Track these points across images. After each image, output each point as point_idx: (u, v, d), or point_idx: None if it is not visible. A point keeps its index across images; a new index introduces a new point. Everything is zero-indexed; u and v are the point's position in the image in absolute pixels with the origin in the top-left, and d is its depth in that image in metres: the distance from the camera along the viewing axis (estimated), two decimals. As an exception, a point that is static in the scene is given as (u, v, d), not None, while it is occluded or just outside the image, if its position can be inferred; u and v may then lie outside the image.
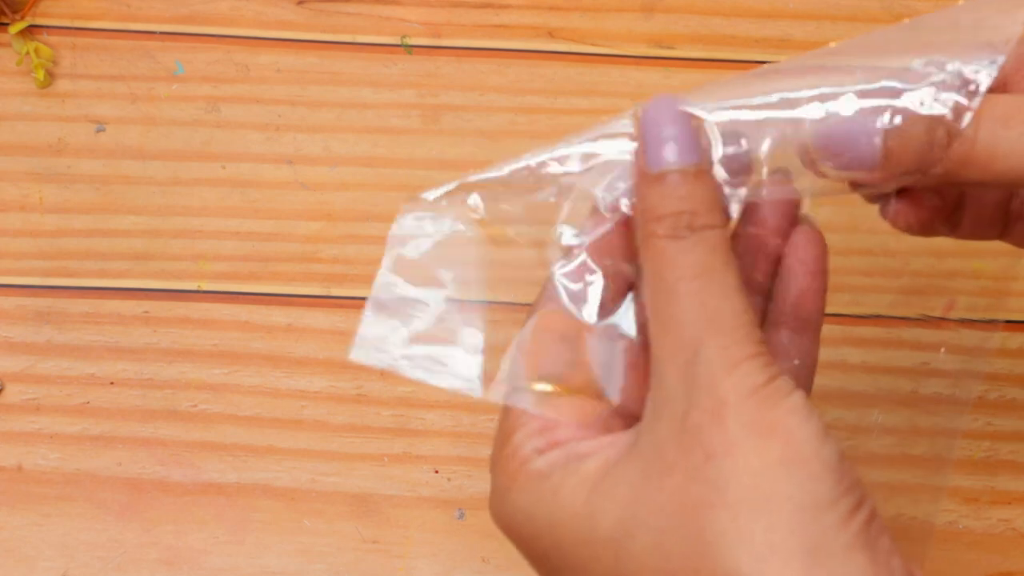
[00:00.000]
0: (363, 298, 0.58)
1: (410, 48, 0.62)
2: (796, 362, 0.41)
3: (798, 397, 0.35)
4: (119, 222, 0.59)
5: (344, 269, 0.59)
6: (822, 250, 0.41)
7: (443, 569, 0.55)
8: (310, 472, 0.56)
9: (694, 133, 0.36)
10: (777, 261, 0.41)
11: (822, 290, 0.41)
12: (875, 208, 0.41)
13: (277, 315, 0.58)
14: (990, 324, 0.59)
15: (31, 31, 0.61)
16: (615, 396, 0.38)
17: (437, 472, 0.56)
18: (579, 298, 0.39)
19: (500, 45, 0.62)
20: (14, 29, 0.60)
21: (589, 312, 0.39)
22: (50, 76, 0.61)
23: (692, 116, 0.37)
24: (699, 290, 0.35)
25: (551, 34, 0.62)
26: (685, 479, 0.34)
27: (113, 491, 0.56)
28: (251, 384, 0.57)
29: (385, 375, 0.57)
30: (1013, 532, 0.56)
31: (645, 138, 0.36)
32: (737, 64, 0.62)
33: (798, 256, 0.40)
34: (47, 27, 0.61)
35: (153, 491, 0.56)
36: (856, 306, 0.59)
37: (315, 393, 0.57)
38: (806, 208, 0.41)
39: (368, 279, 0.59)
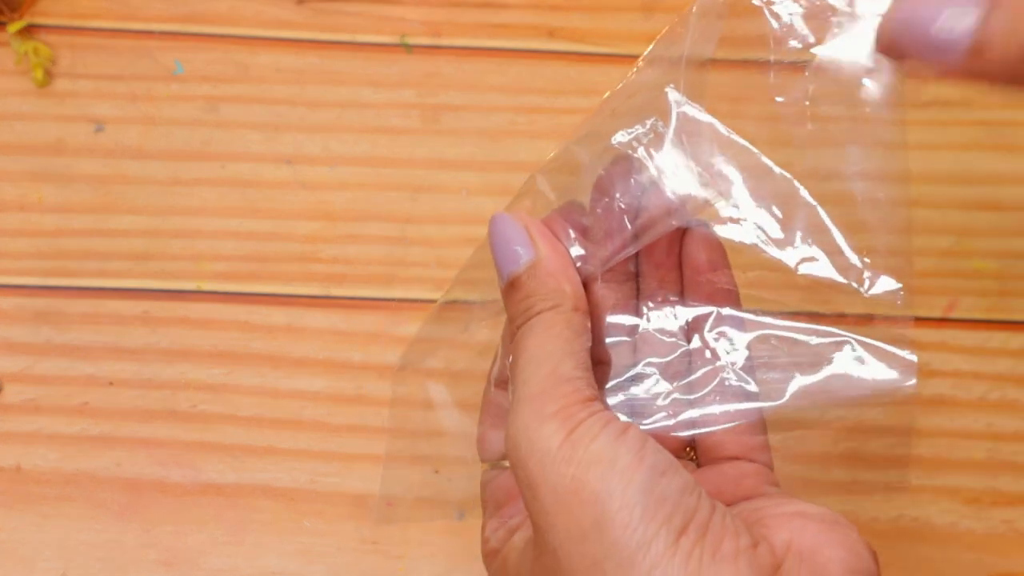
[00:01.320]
0: (363, 298, 0.58)
1: (410, 48, 0.62)
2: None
3: (602, 440, 0.36)
4: (118, 222, 0.59)
5: (344, 269, 0.59)
6: (715, 244, 0.42)
7: (442, 570, 0.55)
8: (310, 472, 0.56)
9: (524, 235, 0.40)
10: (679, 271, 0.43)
11: (730, 283, 0.42)
12: (876, 210, 0.41)
13: (277, 315, 0.58)
14: (990, 324, 0.59)
15: (30, 30, 0.61)
16: None
17: (437, 472, 0.56)
18: None
19: (500, 45, 0.62)
20: (13, 28, 0.60)
21: None
22: (49, 76, 0.61)
23: (520, 218, 0.41)
24: (521, 368, 0.38)
25: (551, 34, 0.62)
26: (539, 552, 0.36)
27: (112, 491, 0.56)
28: (250, 384, 0.57)
29: (385, 375, 0.57)
30: (1015, 533, 0.56)
31: (493, 257, 0.41)
32: (737, 63, 0.62)
33: (692, 266, 0.42)
34: (46, 26, 0.61)
35: (152, 491, 0.56)
36: (856, 306, 0.58)
37: (315, 393, 0.57)
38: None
39: (368, 279, 0.59)
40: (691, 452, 0.43)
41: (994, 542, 0.56)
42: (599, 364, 0.41)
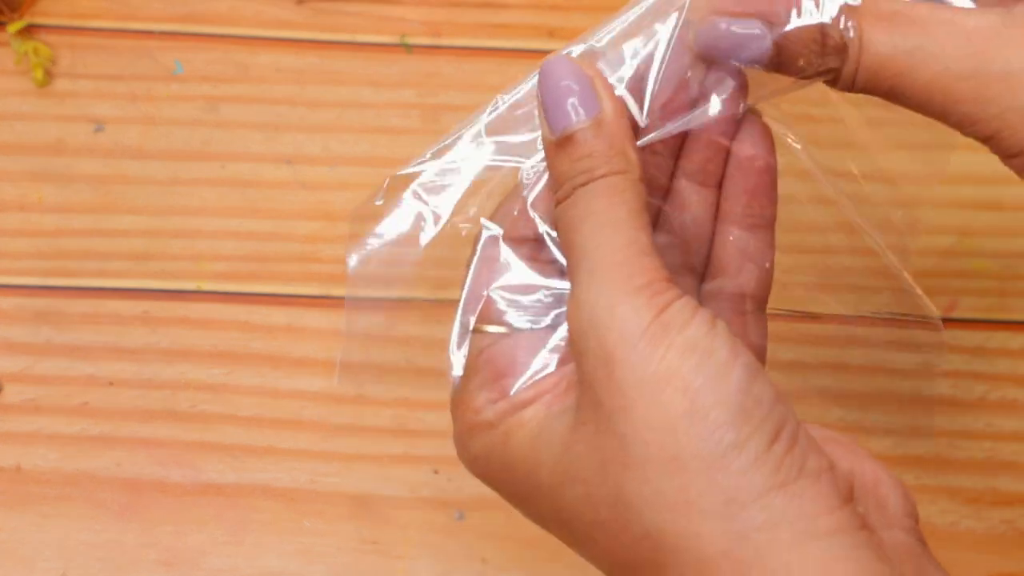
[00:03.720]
0: (362, 298, 0.58)
1: (410, 47, 0.62)
2: (750, 265, 0.40)
3: (696, 327, 0.33)
4: (118, 222, 0.59)
5: (344, 269, 0.58)
6: (768, 144, 0.40)
7: (443, 570, 0.55)
8: (310, 472, 0.56)
9: (588, 85, 0.37)
10: (727, 158, 0.40)
11: (771, 185, 0.40)
12: (876, 209, 0.41)
13: (276, 315, 0.58)
14: (990, 324, 0.59)
15: (30, 30, 0.61)
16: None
17: (437, 472, 0.56)
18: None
19: (500, 45, 0.62)
20: (13, 28, 0.60)
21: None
22: (49, 75, 0.61)
23: (584, 67, 0.37)
24: (589, 234, 0.35)
25: (551, 34, 0.62)
26: (596, 433, 0.34)
27: (112, 491, 0.56)
28: (250, 384, 0.57)
29: (385, 376, 0.57)
30: (1015, 533, 0.56)
31: (542, 105, 0.37)
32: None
33: (744, 152, 0.40)
34: (46, 26, 0.61)
35: (152, 492, 0.56)
36: (856, 306, 0.58)
37: (315, 393, 0.57)
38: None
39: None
40: None
41: (994, 542, 0.56)
42: None
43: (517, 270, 0.38)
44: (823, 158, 0.41)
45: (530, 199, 0.38)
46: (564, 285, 0.38)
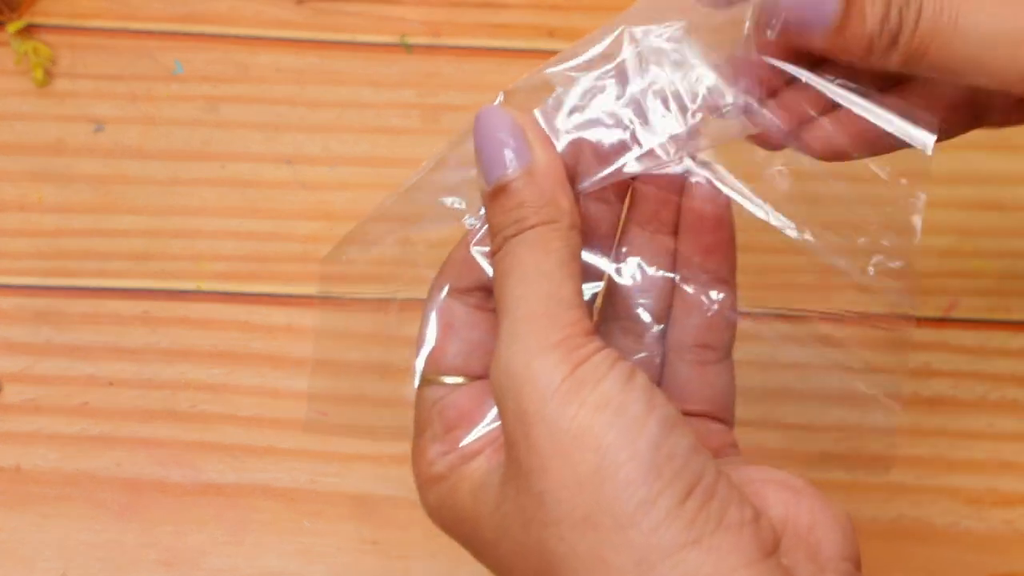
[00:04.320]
0: (362, 298, 0.58)
1: (410, 47, 0.62)
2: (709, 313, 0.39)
3: (611, 382, 0.33)
4: (118, 222, 0.59)
5: (344, 269, 0.58)
6: (719, 202, 0.39)
7: (443, 570, 0.55)
8: (310, 472, 0.56)
9: (521, 135, 0.36)
10: (678, 212, 0.39)
11: (727, 242, 0.39)
12: (876, 209, 0.41)
13: (276, 315, 0.58)
14: (990, 324, 0.59)
15: (30, 30, 0.61)
16: None
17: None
18: None
19: (500, 45, 0.62)
20: (13, 28, 0.60)
21: None
22: (49, 75, 0.61)
23: (517, 116, 0.37)
24: (514, 285, 0.35)
25: (551, 34, 0.62)
26: (519, 492, 0.34)
27: (112, 492, 0.56)
28: (250, 384, 0.57)
29: (385, 376, 0.57)
30: (1015, 533, 0.56)
31: (477, 156, 0.37)
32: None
33: (694, 205, 0.39)
34: (46, 26, 0.61)
35: (152, 492, 0.56)
36: (856, 306, 0.58)
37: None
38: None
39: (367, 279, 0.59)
40: None
41: (994, 542, 0.56)
42: None
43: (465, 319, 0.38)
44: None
45: (474, 246, 0.38)
46: None
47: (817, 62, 0.38)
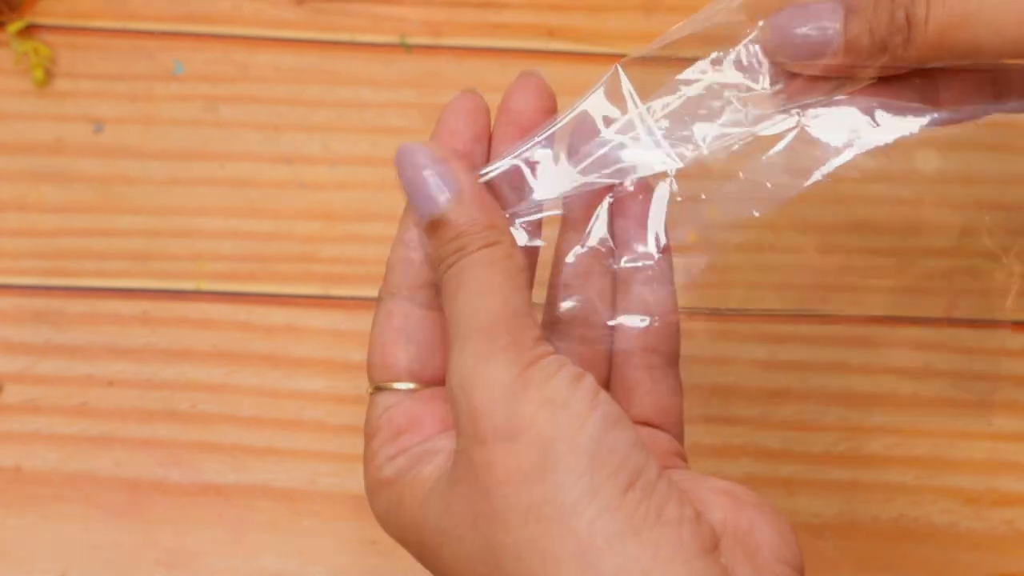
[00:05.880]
0: (363, 298, 0.58)
1: (410, 47, 0.62)
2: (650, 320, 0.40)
3: (557, 382, 0.34)
4: (117, 222, 0.59)
5: (343, 269, 0.59)
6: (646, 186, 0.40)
7: (443, 570, 0.55)
8: (310, 473, 0.56)
9: (445, 167, 0.37)
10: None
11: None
12: (877, 209, 0.41)
13: (276, 315, 0.58)
14: (990, 324, 0.59)
15: (30, 30, 0.61)
16: None
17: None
18: None
19: (500, 44, 0.62)
20: (13, 28, 0.60)
21: None
22: (48, 75, 0.60)
23: (436, 149, 0.37)
24: (465, 301, 0.36)
25: (551, 34, 0.62)
26: (468, 490, 0.34)
27: (112, 492, 0.56)
28: (250, 384, 0.57)
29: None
30: (1015, 533, 0.56)
31: (406, 194, 0.38)
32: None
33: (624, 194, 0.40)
34: (46, 26, 0.61)
35: (152, 492, 0.56)
36: (857, 306, 0.58)
37: (314, 394, 0.57)
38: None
39: (367, 279, 0.59)
40: None
41: (994, 542, 0.56)
42: None
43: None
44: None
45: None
46: None
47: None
